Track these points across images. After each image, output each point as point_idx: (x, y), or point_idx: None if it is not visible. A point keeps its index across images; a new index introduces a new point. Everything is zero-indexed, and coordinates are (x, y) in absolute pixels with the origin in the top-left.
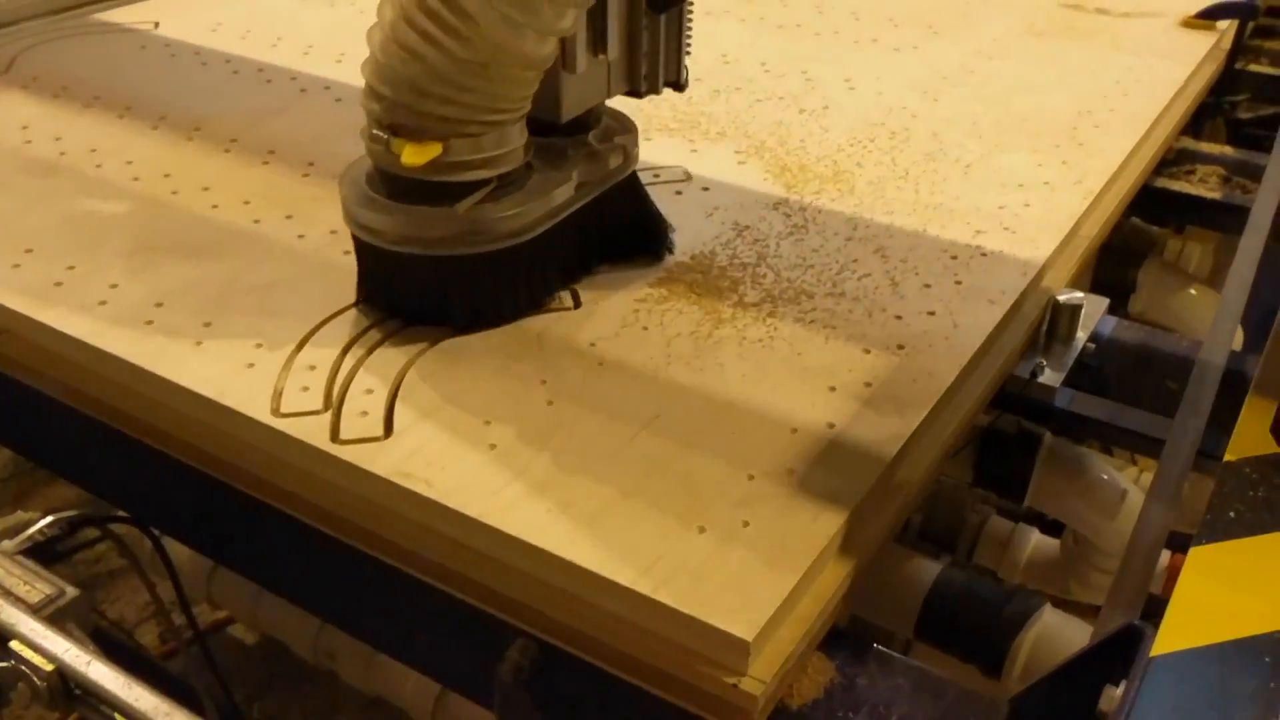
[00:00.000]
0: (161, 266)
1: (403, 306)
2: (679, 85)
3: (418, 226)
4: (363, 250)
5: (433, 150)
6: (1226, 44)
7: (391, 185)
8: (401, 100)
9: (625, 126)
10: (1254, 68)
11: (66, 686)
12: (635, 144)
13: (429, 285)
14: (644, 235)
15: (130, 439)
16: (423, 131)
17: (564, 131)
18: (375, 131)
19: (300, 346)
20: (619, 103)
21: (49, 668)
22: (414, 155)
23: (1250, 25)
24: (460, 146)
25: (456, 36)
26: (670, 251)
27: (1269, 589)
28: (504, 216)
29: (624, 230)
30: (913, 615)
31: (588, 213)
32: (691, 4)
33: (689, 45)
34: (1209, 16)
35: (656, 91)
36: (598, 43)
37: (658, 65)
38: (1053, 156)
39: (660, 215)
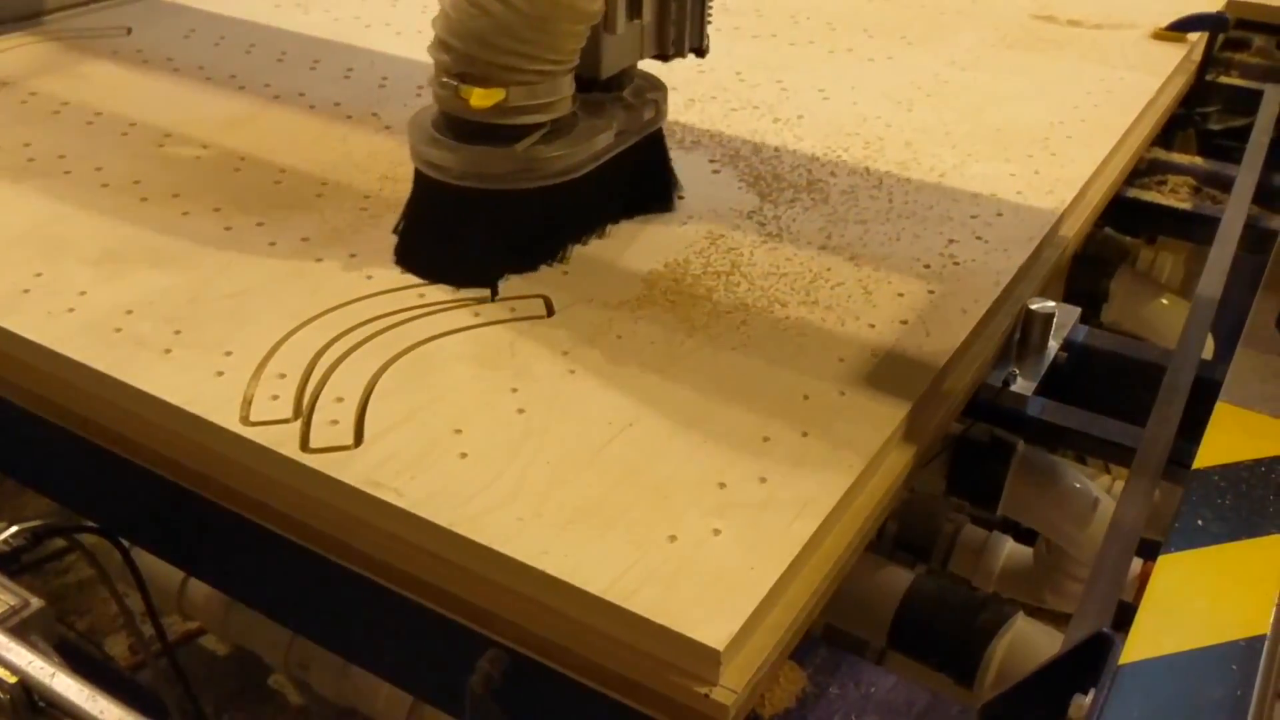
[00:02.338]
0: (130, 274)
1: (449, 253)
2: (701, 51)
3: (481, 163)
4: (423, 191)
5: (497, 95)
6: (1197, 56)
7: (457, 127)
8: (469, 51)
9: (655, 85)
10: (1224, 80)
11: (30, 699)
12: (665, 100)
13: (484, 221)
14: (661, 186)
15: (98, 448)
16: (487, 79)
17: (603, 88)
18: (444, 80)
19: (270, 355)
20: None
21: (12, 680)
22: (481, 99)
23: (1221, 38)
24: (519, 93)
25: None
26: (672, 204)
27: (1237, 597)
28: (556, 156)
29: (647, 179)
30: (886, 624)
31: (621, 160)
32: None
33: (711, 14)
34: (1180, 29)
35: (682, 55)
36: (635, 8)
37: (684, 32)
38: (1025, 166)
39: (673, 171)
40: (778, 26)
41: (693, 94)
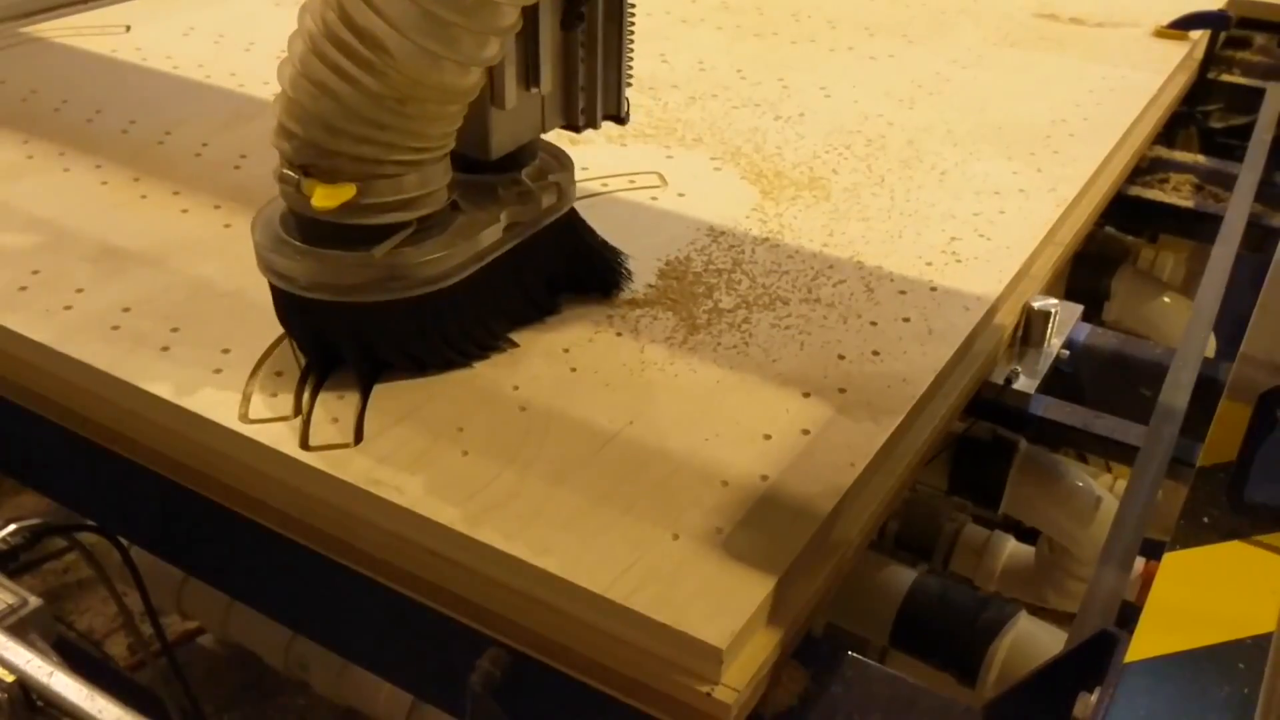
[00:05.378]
0: (129, 271)
1: (323, 356)
2: (620, 119)
3: (332, 273)
4: (278, 297)
5: (346, 192)
6: (1199, 54)
7: (305, 228)
8: (313, 139)
9: (562, 163)
10: (1226, 78)
11: (28, 698)
12: (572, 181)
13: (346, 334)
14: (591, 272)
15: (96, 446)
16: (336, 172)
17: (495, 169)
18: (286, 172)
19: (269, 352)
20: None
21: (10, 679)
22: (325, 198)
23: (1222, 36)
24: (377, 188)
25: (370, 70)
26: (621, 288)
27: (1242, 595)
28: (425, 261)
29: (568, 270)
30: (888, 623)
31: (524, 254)
32: (633, 34)
33: (630, 77)
34: (1182, 27)
35: (595, 126)
36: (530, 75)
37: (595, 98)
38: (1027, 164)
39: (609, 249)
40: (779, 24)
41: (694, 91)
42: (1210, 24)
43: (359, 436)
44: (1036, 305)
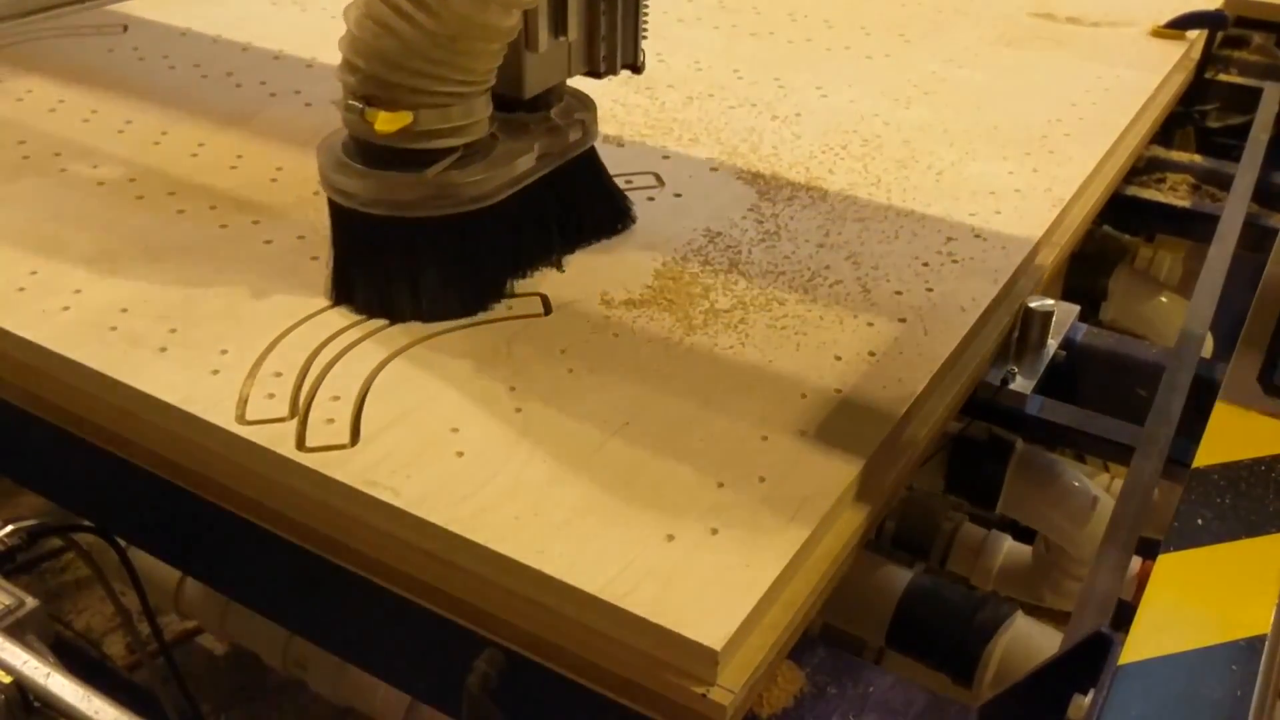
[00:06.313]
0: (126, 272)
1: (374, 279)
2: (636, 67)
3: (388, 190)
4: (337, 221)
5: (403, 119)
6: (1196, 54)
7: (365, 152)
8: (375, 72)
9: (585, 104)
10: (1223, 77)
11: (25, 699)
12: (594, 120)
13: (397, 247)
14: (604, 210)
15: (93, 447)
16: (395, 102)
17: (527, 108)
18: (350, 102)
19: (266, 353)
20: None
21: (7, 680)
22: (386, 124)
23: (1220, 35)
24: (429, 116)
25: (426, 11)
26: (627, 227)
27: (1237, 596)
28: (469, 182)
29: (585, 205)
30: (884, 623)
31: (550, 186)
32: None
33: (646, 29)
34: (1179, 26)
35: (615, 72)
36: (559, 24)
37: (615, 47)
38: (1024, 164)
39: (619, 191)
40: (776, 24)
41: (691, 91)
42: (1207, 23)
43: (355, 437)
44: (1033, 305)
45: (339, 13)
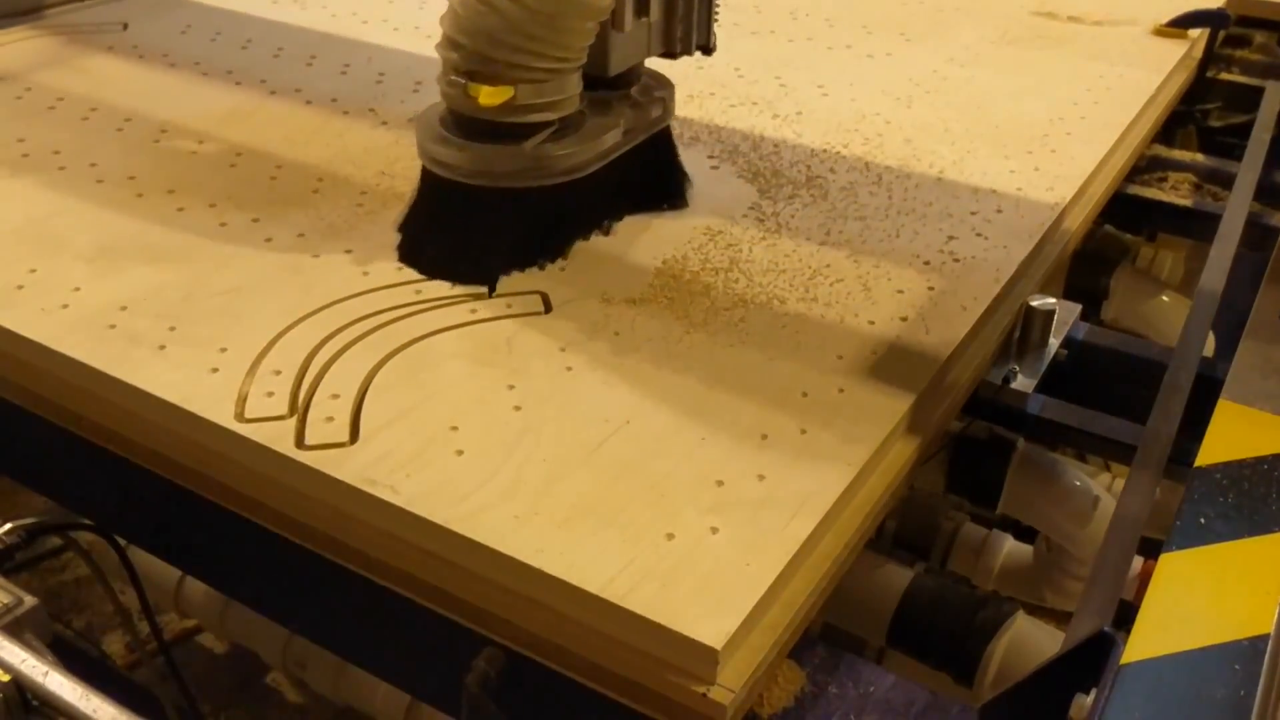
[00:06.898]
0: (125, 270)
1: (453, 250)
2: (708, 49)
3: (488, 161)
4: (429, 189)
5: (505, 93)
6: (1198, 53)
7: (464, 125)
8: (478, 48)
9: (663, 83)
10: (1225, 76)
11: (23, 697)
12: (672, 98)
13: (495, 216)
14: (672, 183)
15: (92, 445)
16: (496, 77)
17: (610, 86)
18: (453, 77)
19: (265, 351)
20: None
21: (5, 678)
22: (489, 97)
23: (1221, 34)
24: (527, 91)
25: None
26: (686, 204)
27: (1239, 596)
28: (563, 154)
29: (656, 176)
30: (885, 622)
31: (629, 158)
32: None
33: (717, 14)
34: (1180, 25)
35: (689, 53)
36: (642, 6)
37: (691, 29)
38: (1025, 163)
39: (684, 170)
40: (777, 23)
41: (692, 90)
42: (1209, 22)
43: (354, 436)
44: (1035, 304)
45: (339, 10)
